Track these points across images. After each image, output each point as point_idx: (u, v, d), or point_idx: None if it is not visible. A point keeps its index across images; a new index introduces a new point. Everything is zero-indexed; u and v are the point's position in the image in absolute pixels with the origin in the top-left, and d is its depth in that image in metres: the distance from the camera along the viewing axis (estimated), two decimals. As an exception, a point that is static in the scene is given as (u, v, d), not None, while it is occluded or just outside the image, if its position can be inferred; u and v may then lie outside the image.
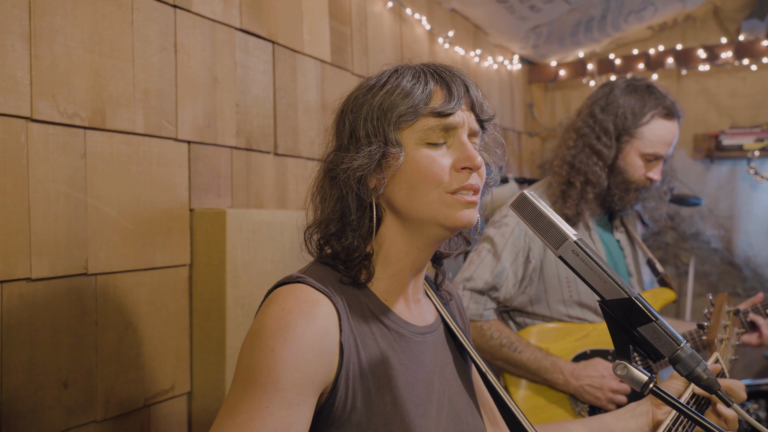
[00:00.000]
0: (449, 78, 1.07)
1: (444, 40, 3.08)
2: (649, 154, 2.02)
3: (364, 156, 1.02)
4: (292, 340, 0.92)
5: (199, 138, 1.73)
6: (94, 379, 1.45)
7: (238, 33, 1.87)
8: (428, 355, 1.10)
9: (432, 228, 1.04)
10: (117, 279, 1.51)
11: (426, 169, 1.02)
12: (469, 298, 2.02)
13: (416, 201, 1.03)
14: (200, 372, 1.70)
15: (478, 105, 1.08)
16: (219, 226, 1.66)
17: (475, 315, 2.02)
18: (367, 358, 1.00)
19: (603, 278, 0.85)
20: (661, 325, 0.83)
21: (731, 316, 1.51)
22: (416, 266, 1.09)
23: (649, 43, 3.85)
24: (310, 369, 0.92)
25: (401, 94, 1.04)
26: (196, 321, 1.70)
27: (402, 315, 1.09)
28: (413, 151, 1.03)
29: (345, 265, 1.05)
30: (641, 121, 2.01)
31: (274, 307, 0.96)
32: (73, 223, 1.40)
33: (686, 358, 0.82)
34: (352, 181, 1.02)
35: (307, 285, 0.99)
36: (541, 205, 0.89)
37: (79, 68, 1.41)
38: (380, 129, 1.03)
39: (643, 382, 0.86)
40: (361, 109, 1.06)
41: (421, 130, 1.03)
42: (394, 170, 1.03)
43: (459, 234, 1.17)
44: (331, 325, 0.96)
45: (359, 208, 1.05)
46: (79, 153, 1.42)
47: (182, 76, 1.68)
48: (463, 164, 1.03)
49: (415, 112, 1.03)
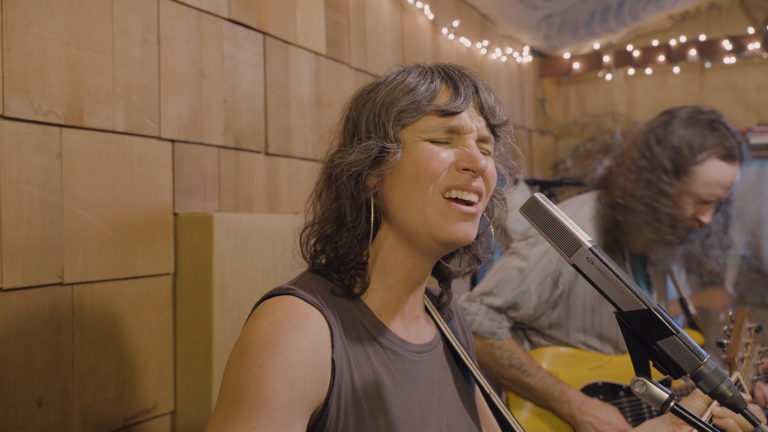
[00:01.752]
0: (457, 77, 1.07)
1: (448, 30, 3.09)
2: (703, 195, 1.99)
3: (360, 151, 1.04)
4: (282, 355, 0.92)
5: (183, 137, 1.73)
6: (70, 397, 1.45)
7: (226, 23, 1.88)
8: (425, 376, 1.10)
9: (425, 239, 1.04)
10: (95, 289, 1.51)
11: (426, 160, 1.02)
12: (485, 313, 2.04)
13: (411, 200, 1.03)
14: (185, 390, 1.70)
15: (489, 108, 1.08)
16: (205, 232, 1.66)
17: (487, 332, 2.03)
18: (359, 378, 1.00)
19: (620, 288, 0.85)
20: (682, 338, 0.83)
21: (753, 333, 1.51)
22: (414, 278, 1.09)
23: (670, 33, 3.87)
24: (301, 387, 0.92)
25: (404, 89, 1.05)
26: (181, 334, 1.70)
27: (398, 332, 1.09)
28: (414, 146, 1.04)
29: (339, 272, 1.06)
30: (696, 159, 1.98)
31: (261, 321, 0.96)
32: (47, 228, 1.41)
33: (710, 374, 0.82)
34: (346, 177, 1.04)
35: (298, 297, 0.99)
36: (554, 209, 0.90)
37: (54, 62, 1.42)
38: (380, 124, 1.05)
39: (663, 400, 0.86)
40: (364, 106, 1.08)
41: (424, 129, 1.04)
42: (392, 167, 1.03)
43: (468, 250, 1.17)
44: (323, 340, 0.97)
45: (354, 208, 1.06)
46: (55, 153, 1.42)
47: (166, 70, 1.69)
48: (465, 165, 1.03)
49: (417, 108, 1.04)
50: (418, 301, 1.15)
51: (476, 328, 2.03)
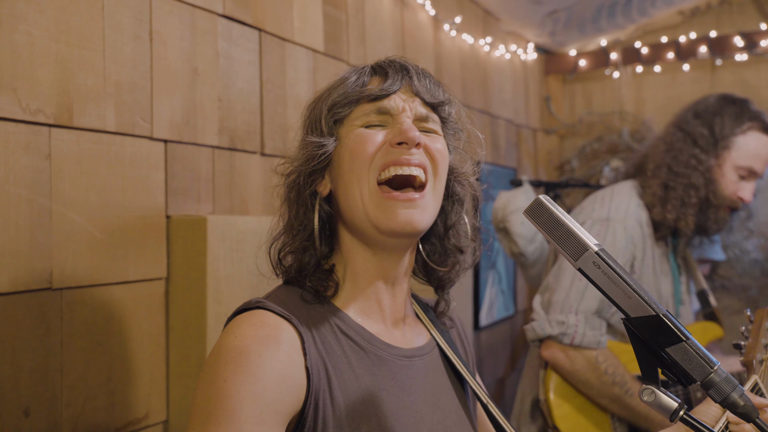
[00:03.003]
0: (387, 64, 1.12)
1: (450, 26, 3.10)
2: (743, 168, 2.08)
3: (301, 155, 1.10)
4: (247, 368, 0.93)
5: (177, 136, 1.74)
6: (59, 406, 1.45)
7: (221, 19, 1.88)
8: (417, 381, 1.10)
9: (371, 232, 1.06)
10: (85, 294, 1.51)
11: (357, 145, 1.05)
12: (585, 323, 1.98)
13: (350, 196, 1.06)
14: (177, 398, 1.70)
15: (424, 89, 1.10)
16: (199, 235, 1.66)
17: (592, 342, 1.98)
18: (339, 384, 1.00)
19: (627, 293, 0.86)
20: (692, 345, 0.83)
21: None
22: (386, 276, 1.10)
23: (680, 29, 3.87)
24: (269, 397, 0.93)
25: (336, 85, 1.11)
26: (174, 341, 1.70)
27: (380, 336, 1.09)
28: (348, 136, 1.07)
29: (309, 279, 1.08)
30: (739, 129, 2.08)
31: (228, 337, 0.98)
32: (36, 231, 1.41)
33: (720, 382, 0.82)
34: (294, 184, 1.09)
35: (266, 310, 1.01)
36: (559, 211, 0.90)
37: (43, 59, 1.42)
38: (317, 124, 1.10)
39: (672, 409, 0.86)
40: (308, 114, 1.14)
41: (357, 117, 1.07)
42: (336, 166, 1.08)
43: (442, 240, 1.17)
44: (293, 350, 0.98)
45: (308, 214, 1.10)
46: (44, 153, 1.43)
47: (158, 68, 1.69)
48: (398, 138, 1.04)
49: (348, 98, 1.08)
50: (401, 303, 1.15)
51: (580, 342, 1.97)
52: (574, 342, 1.97)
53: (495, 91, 3.60)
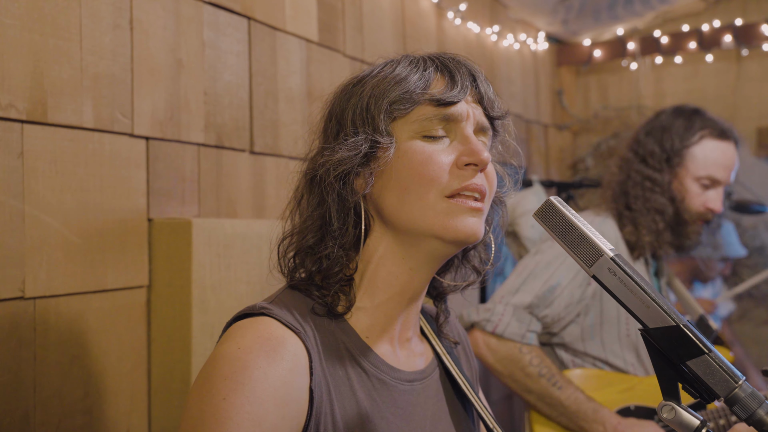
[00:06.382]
0: (453, 65, 1.09)
1: (455, 14, 3.11)
2: (704, 178, 2.15)
3: (347, 147, 1.04)
4: (249, 386, 0.92)
5: (159, 133, 1.74)
6: (32, 424, 1.45)
7: (207, 7, 1.89)
8: (417, 407, 1.10)
9: (427, 241, 1.04)
10: (60, 303, 1.51)
11: (420, 166, 1.03)
12: (512, 314, 2.06)
13: (408, 206, 1.03)
14: (160, 416, 1.70)
15: (488, 99, 1.10)
16: (183, 240, 1.67)
17: (515, 335, 2.04)
18: (340, 409, 1.00)
19: (646, 302, 0.86)
20: (715, 358, 0.83)
21: None
22: (408, 294, 1.09)
23: (703, 17, 3.88)
24: (270, 421, 0.92)
25: (394, 80, 1.06)
26: (156, 354, 1.70)
27: (385, 357, 1.09)
28: (406, 144, 1.04)
29: (321, 288, 1.06)
30: (690, 140, 2.17)
31: (229, 346, 0.96)
32: (7, 236, 1.41)
33: (746, 397, 0.82)
34: (332, 178, 1.04)
35: (273, 318, 0.99)
36: (571, 214, 0.90)
37: (15, 50, 1.42)
38: (368, 118, 1.05)
39: (694, 427, 0.87)
40: (349, 101, 1.09)
41: (417, 120, 1.05)
42: (383, 165, 1.04)
43: (466, 260, 1.18)
44: (300, 368, 0.97)
45: (342, 213, 1.06)
46: (15, 152, 1.43)
47: (139, 60, 1.69)
48: (468, 160, 1.03)
49: (410, 99, 1.05)
50: (412, 322, 1.14)
51: (502, 331, 2.04)
52: (497, 330, 2.04)
53: (503, 84, 3.60)
